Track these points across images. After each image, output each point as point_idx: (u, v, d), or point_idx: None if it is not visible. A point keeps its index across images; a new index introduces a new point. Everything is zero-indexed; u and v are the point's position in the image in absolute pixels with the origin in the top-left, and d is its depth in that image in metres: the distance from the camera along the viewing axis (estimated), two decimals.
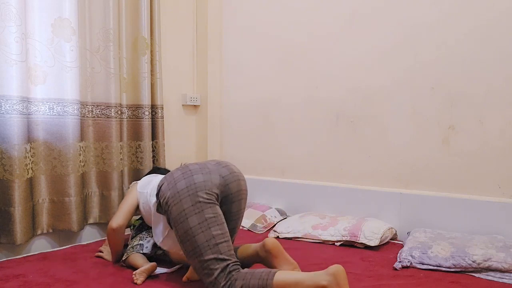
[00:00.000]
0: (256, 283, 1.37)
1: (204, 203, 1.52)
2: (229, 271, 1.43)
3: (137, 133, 2.62)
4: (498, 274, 1.68)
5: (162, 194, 1.60)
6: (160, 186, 1.64)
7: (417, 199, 2.26)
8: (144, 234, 1.96)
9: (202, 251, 1.45)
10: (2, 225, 1.99)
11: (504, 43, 2.04)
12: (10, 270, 1.77)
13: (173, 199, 1.54)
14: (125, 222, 1.87)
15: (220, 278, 1.42)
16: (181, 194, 1.53)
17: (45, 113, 2.18)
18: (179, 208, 1.51)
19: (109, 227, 1.84)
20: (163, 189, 1.60)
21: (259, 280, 1.38)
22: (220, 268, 1.43)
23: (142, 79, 2.60)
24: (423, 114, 2.28)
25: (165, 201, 1.57)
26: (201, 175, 1.57)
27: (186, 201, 1.51)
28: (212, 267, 1.43)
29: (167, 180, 1.61)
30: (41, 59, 2.14)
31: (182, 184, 1.55)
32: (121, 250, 1.91)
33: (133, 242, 1.92)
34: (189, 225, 1.48)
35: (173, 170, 1.68)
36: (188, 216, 1.49)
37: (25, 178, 2.04)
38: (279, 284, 1.36)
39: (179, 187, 1.54)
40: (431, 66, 2.24)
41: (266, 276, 1.38)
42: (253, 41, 2.95)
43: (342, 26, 2.54)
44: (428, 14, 2.24)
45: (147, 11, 2.60)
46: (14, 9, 1.97)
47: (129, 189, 2.01)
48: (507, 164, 2.05)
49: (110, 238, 1.87)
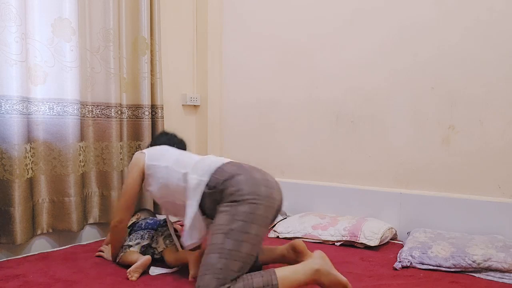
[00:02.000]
0: (260, 281, 1.38)
1: (270, 221, 1.52)
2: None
3: (137, 133, 2.62)
4: (498, 274, 1.68)
5: (236, 185, 1.49)
6: (233, 175, 1.53)
7: (417, 199, 2.26)
8: (133, 235, 1.94)
9: (236, 259, 1.39)
10: (2, 225, 1.99)
11: (504, 43, 2.05)
12: (10, 270, 1.77)
13: (251, 197, 1.46)
14: (128, 216, 1.83)
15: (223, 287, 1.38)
16: (261, 199, 1.48)
17: (45, 113, 2.18)
18: (253, 209, 1.45)
19: (111, 223, 1.84)
20: (240, 181, 1.50)
21: (263, 278, 1.39)
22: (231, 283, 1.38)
23: (142, 79, 2.60)
24: (423, 114, 2.28)
25: (240, 192, 1.47)
26: (278, 193, 1.56)
27: (261, 208, 1.47)
28: (227, 277, 1.37)
29: (245, 175, 1.53)
30: (41, 59, 2.14)
31: (263, 191, 1.50)
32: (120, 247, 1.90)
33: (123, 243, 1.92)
34: (249, 229, 1.43)
35: (243, 165, 1.61)
36: (254, 222, 1.44)
37: (25, 178, 2.04)
38: (281, 277, 1.41)
39: (261, 192, 1.49)
40: (431, 66, 2.24)
41: (268, 273, 1.41)
42: (253, 41, 2.95)
43: (342, 25, 2.54)
44: (428, 14, 2.24)
45: (147, 11, 2.60)
46: (14, 9, 1.97)
47: (132, 163, 1.81)
48: (507, 164, 2.05)
49: (111, 234, 1.86)
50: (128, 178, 1.80)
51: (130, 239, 1.92)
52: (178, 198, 1.68)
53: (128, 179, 1.80)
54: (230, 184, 1.50)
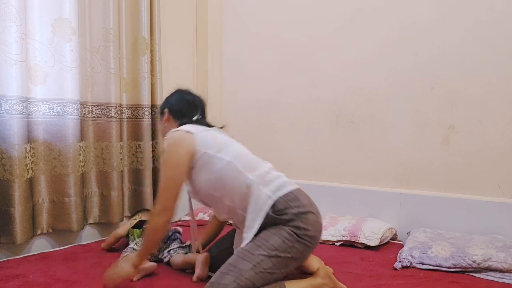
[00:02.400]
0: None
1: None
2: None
3: (137, 133, 2.62)
4: (498, 274, 1.68)
5: (306, 223, 1.43)
6: (307, 211, 1.46)
7: (417, 199, 2.26)
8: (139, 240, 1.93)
9: (264, 280, 1.36)
10: (2, 225, 1.99)
11: (504, 43, 2.05)
12: (10, 270, 1.77)
13: (311, 240, 1.43)
14: (174, 211, 1.52)
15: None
16: (315, 243, 1.47)
17: (45, 113, 2.18)
18: (306, 250, 1.44)
19: (153, 223, 1.49)
20: (311, 222, 1.45)
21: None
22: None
23: (142, 79, 2.60)
24: (423, 114, 2.28)
25: (306, 232, 1.42)
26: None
27: (310, 252, 1.48)
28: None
29: (315, 215, 1.48)
30: (41, 59, 2.14)
31: (319, 237, 1.49)
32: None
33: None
34: (290, 264, 1.43)
35: (310, 199, 1.54)
36: (298, 260, 1.44)
37: (25, 178, 2.04)
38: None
39: (318, 238, 1.49)
40: (431, 66, 2.24)
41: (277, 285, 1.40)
42: (253, 41, 2.95)
43: (342, 25, 2.54)
44: (428, 14, 2.24)
45: (147, 11, 2.60)
46: (14, 9, 1.97)
47: (177, 145, 1.49)
48: (507, 164, 2.05)
49: (149, 236, 1.52)
50: (173, 162, 1.46)
51: (136, 243, 1.91)
52: (231, 199, 1.51)
53: (174, 164, 1.46)
54: (301, 219, 1.43)
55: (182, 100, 1.74)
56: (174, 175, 1.49)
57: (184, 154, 1.48)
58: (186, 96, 1.75)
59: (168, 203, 1.49)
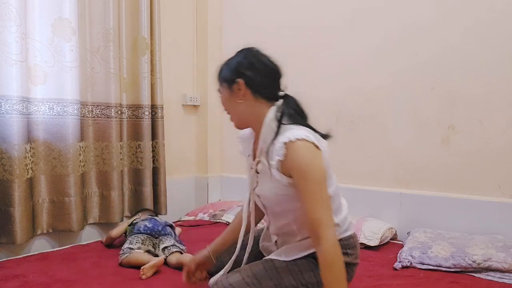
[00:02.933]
0: None
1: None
2: None
3: (137, 133, 2.62)
4: (498, 274, 1.68)
5: (349, 276, 1.28)
6: (356, 263, 1.37)
7: (417, 199, 2.25)
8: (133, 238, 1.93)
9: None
10: (2, 225, 1.99)
11: (504, 43, 2.04)
12: (10, 270, 1.77)
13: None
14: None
15: None
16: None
17: (45, 113, 2.17)
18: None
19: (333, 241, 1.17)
20: (352, 273, 1.36)
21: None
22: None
23: (142, 79, 2.60)
24: (423, 114, 2.28)
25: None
26: None
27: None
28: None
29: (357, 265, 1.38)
30: (41, 59, 2.14)
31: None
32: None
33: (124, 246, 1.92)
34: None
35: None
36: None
37: (25, 178, 2.04)
38: None
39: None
40: (431, 66, 2.24)
41: None
42: (253, 41, 2.92)
43: (342, 25, 2.54)
44: (429, 13, 2.24)
45: (147, 11, 2.60)
46: (14, 9, 1.97)
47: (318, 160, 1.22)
48: (507, 164, 2.05)
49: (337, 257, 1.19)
50: (322, 173, 1.22)
51: (130, 241, 1.91)
52: (300, 227, 1.33)
53: (323, 175, 1.22)
54: (347, 271, 1.24)
55: (266, 69, 1.35)
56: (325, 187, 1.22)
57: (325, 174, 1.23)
58: (268, 64, 1.36)
59: (332, 221, 1.21)
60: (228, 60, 1.36)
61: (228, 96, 1.34)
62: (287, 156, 1.19)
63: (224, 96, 1.36)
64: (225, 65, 1.36)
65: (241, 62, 1.32)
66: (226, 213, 2.64)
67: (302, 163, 1.19)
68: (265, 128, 1.27)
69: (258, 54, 1.36)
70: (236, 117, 1.36)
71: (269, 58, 1.37)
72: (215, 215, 2.66)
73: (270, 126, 1.26)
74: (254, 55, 1.34)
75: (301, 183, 1.18)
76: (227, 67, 1.35)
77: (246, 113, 1.33)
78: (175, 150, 2.97)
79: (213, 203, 2.96)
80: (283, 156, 1.19)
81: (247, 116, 1.33)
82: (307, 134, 1.22)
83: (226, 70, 1.34)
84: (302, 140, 1.20)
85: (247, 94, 1.30)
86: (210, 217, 2.67)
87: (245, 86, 1.29)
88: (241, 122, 1.37)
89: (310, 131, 1.27)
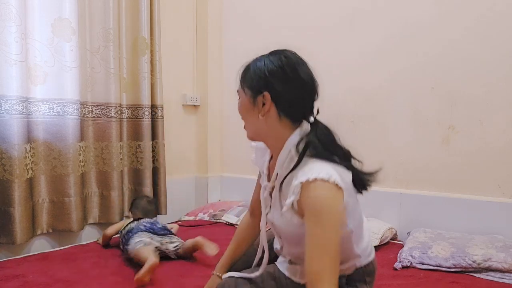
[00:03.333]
0: None
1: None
2: None
3: (137, 133, 2.62)
4: (498, 274, 1.68)
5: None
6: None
7: (417, 199, 2.25)
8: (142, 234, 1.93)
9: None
10: (2, 225, 1.99)
11: (504, 43, 2.04)
12: (10, 270, 1.77)
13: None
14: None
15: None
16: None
17: (45, 113, 2.18)
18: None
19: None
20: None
21: None
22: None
23: (142, 79, 2.60)
24: (423, 114, 2.27)
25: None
26: None
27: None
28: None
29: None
30: (41, 59, 2.14)
31: None
32: None
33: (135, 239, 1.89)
34: None
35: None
36: None
37: (25, 178, 2.04)
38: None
39: None
40: (431, 66, 2.24)
41: None
42: (253, 40, 2.95)
43: (342, 25, 2.54)
44: (429, 13, 2.24)
45: (147, 11, 2.60)
46: (14, 9, 1.97)
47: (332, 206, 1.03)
48: (507, 164, 2.05)
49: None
50: (337, 222, 1.04)
51: (139, 235, 1.89)
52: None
53: (337, 224, 1.04)
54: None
55: (301, 86, 1.12)
56: (338, 240, 1.04)
57: (339, 221, 1.05)
58: (306, 79, 1.13)
59: (336, 277, 1.01)
60: (257, 61, 1.14)
61: (248, 106, 1.13)
62: (303, 194, 1.03)
63: (244, 104, 1.14)
64: (253, 67, 1.13)
65: (273, 70, 1.09)
66: (226, 213, 2.64)
67: (317, 204, 1.02)
68: (284, 154, 1.11)
69: (296, 63, 1.12)
70: (252, 129, 1.17)
71: (307, 72, 1.14)
72: (215, 215, 2.66)
73: (290, 154, 1.10)
74: (290, 65, 1.11)
75: (310, 225, 1.02)
76: (255, 72, 1.12)
77: (264, 130, 1.13)
78: (175, 150, 2.97)
79: (213, 203, 2.96)
80: (299, 196, 1.03)
81: (265, 132, 1.14)
82: (330, 172, 1.04)
83: (253, 74, 1.12)
84: (322, 181, 1.02)
85: (271, 111, 1.10)
86: (210, 217, 2.67)
87: (270, 101, 1.09)
88: (256, 135, 1.18)
89: (335, 166, 1.08)
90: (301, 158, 1.07)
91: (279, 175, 1.13)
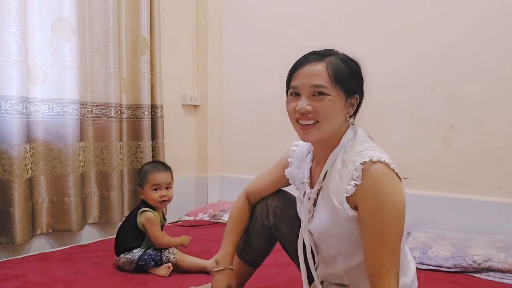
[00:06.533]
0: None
1: None
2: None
3: (137, 133, 2.62)
4: (498, 274, 1.68)
5: None
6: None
7: (418, 199, 2.25)
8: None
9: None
10: (2, 225, 1.99)
11: (504, 43, 2.04)
12: (9, 270, 1.77)
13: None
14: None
15: None
16: None
17: (45, 113, 2.17)
18: None
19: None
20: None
21: None
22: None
23: (142, 79, 2.59)
24: (423, 114, 2.27)
25: None
26: None
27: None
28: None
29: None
30: (40, 59, 2.14)
31: None
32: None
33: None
34: None
35: None
36: None
37: (25, 178, 2.04)
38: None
39: None
40: (431, 66, 2.24)
41: None
42: (254, 40, 2.94)
43: (342, 25, 2.54)
44: (429, 13, 2.24)
45: (147, 11, 2.59)
46: (14, 9, 1.96)
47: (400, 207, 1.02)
48: (508, 164, 2.04)
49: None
50: (398, 217, 1.01)
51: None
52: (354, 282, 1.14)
53: (398, 219, 1.00)
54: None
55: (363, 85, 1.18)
56: (400, 228, 0.99)
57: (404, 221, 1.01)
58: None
59: (398, 266, 0.98)
60: (348, 63, 1.14)
61: (339, 107, 1.10)
62: (363, 180, 0.97)
63: (333, 102, 1.09)
64: (347, 69, 1.12)
65: (361, 77, 1.16)
66: (226, 213, 2.64)
67: (383, 193, 0.96)
68: (338, 150, 1.11)
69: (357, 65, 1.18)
70: (330, 129, 1.11)
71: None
72: (215, 215, 2.66)
73: (345, 144, 1.12)
74: (362, 75, 1.18)
75: (369, 218, 0.95)
76: (352, 74, 1.13)
77: (335, 129, 1.12)
78: (175, 150, 2.96)
79: (213, 203, 2.96)
80: (360, 180, 0.97)
81: (335, 131, 1.13)
82: (388, 158, 1.01)
83: (350, 75, 1.12)
84: (384, 164, 0.99)
85: (350, 113, 1.15)
86: (210, 217, 2.67)
87: (356, 105, 1.15)
88: (329, 136, 1.13)
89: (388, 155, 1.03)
90: (354, 141, 1.11)
91: (328, 174, 1.10)
